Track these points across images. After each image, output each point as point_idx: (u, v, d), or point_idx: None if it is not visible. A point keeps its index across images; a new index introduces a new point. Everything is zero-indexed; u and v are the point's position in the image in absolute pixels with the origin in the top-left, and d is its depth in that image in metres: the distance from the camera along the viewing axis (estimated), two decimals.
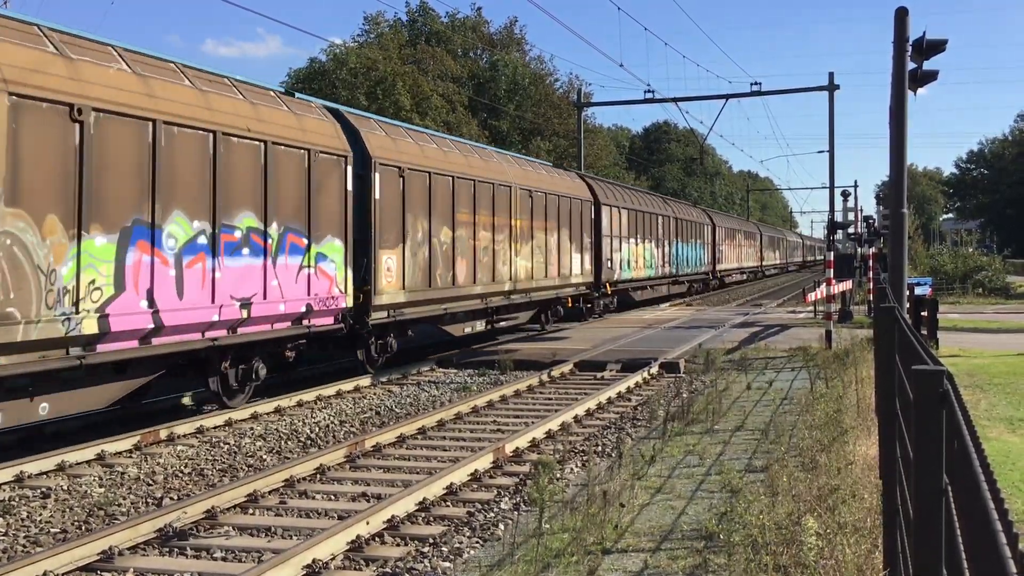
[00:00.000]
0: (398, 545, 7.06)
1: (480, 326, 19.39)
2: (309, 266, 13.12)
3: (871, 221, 35.07)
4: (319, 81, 46.25)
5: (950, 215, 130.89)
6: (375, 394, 14.62)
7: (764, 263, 67.62)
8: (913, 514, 3.12)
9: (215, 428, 11.67)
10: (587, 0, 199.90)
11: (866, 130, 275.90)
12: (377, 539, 7.14)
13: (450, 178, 17.26)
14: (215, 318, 11.32)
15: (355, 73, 46.28)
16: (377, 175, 14.93)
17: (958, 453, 2.41)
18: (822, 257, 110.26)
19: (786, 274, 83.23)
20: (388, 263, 15.21)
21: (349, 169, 14.12)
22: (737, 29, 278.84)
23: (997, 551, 1.62)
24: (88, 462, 9.77)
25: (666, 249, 35.40)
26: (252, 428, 11.75)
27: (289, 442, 11.12)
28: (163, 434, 10.92)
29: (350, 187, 14.11)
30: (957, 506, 2.48)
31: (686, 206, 44.11)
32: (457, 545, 6.97)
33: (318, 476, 9.15)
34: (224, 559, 6.80)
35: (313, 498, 8.46)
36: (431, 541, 7.06)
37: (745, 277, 59.68)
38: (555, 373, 16.16)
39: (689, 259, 39.85)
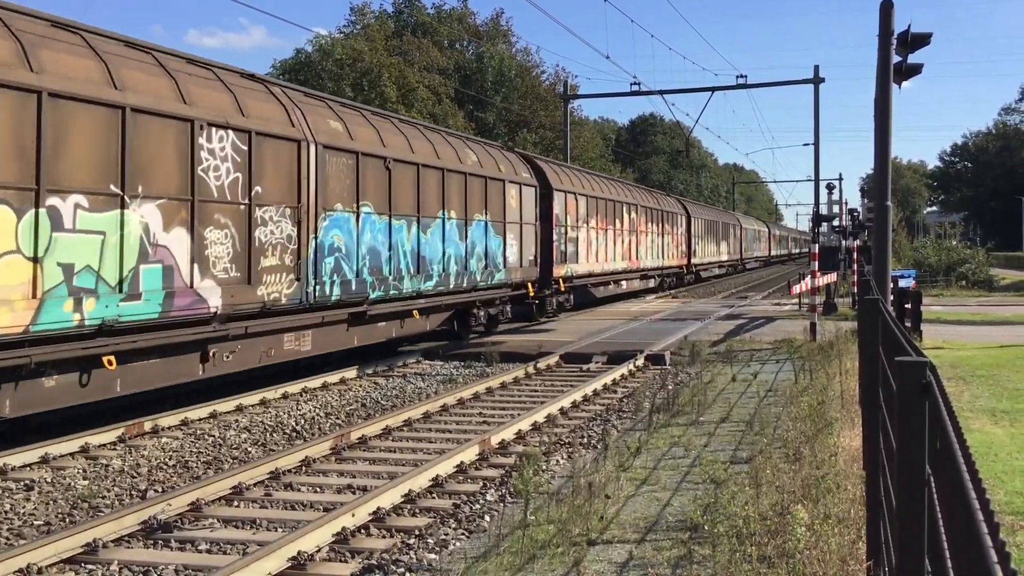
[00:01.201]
0: (384, 537, 7.06)
1: None
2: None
3: (855, 214, 35.24)
4: (305, 72, 46.04)
5: (934, 208, 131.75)
6: (361, 386, 14.60)
7: (696, 260, 45.51)
8: (896, 505, 3.14)
9: (200, 420, 11.63)
10: None
11: (851, 123, 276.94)
12: (363, 531, 7.13)
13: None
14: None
15: (341, 64, 46.09)
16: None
17: (940, 444, 2.42)
18: (798, 251, 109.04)
19: (740, 275, 61.81)
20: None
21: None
22: (723, 21, 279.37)
23: (979, 541, 1.63)
24: (72, 454, 9.71)
25: (288, 235, 13.25)
26: (237, 420, 11.71)
27: (274, 434, 11.09)
28: (147, 426, 10.87)
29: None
30: (940, 497, 2.49)
31: (446, 138, 19.37)
32: (443, 537, 6.97)
33: (303, 468, 9.13)
34: (209, 551, 6.78)
35: (298, 490, 8.45)
36: (417, 533, 7.06)
37: (652, 284, 37.59)
38: (541, 365, 16.18)
39: (438, 259, 17.45)
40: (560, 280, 24.11)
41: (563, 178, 25.53)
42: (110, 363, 9.96)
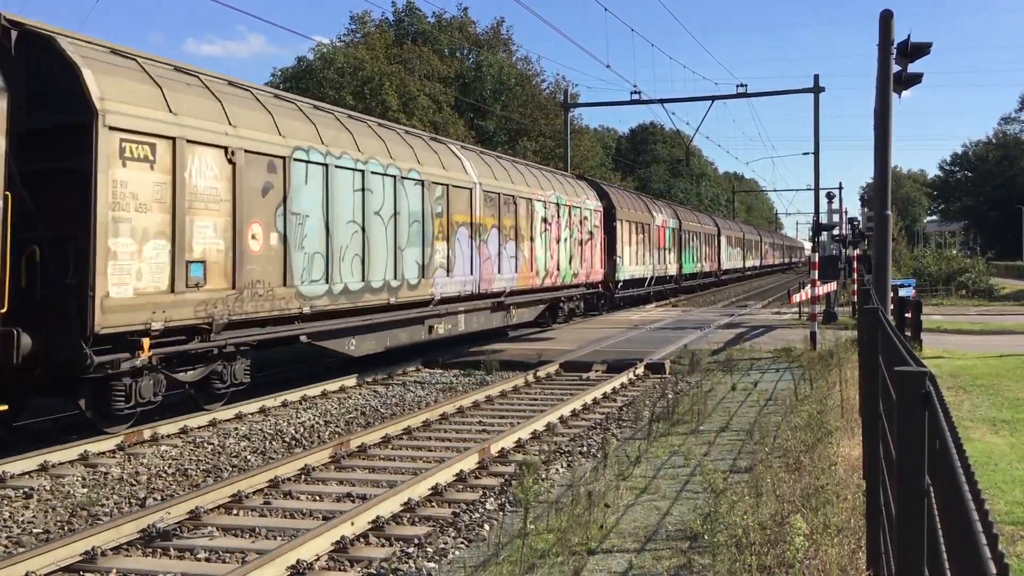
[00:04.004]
0: (383, 546, 7.05)
1: None
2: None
3: (855, 223, 35.30)
4: (306, 80, 46.09)
5: (934, 217, 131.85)
6: (360, 394, 14.59)
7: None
8: (896, 514, 3.13)
9: (199, 428, 11.62)
10: (574, 1, 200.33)
11: (851, 132, 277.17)
12: (362, 540, 7.12)
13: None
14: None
15: (342, 72, 46.14)
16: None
17: (940, 454, 2.42)
18: (798, 260, 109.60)
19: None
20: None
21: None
22: (723, 31, 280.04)
23: (977, 551, 1.63)
24: (71, 462, 9.70)
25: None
26: (236, 428, 11.70)
27: (274, 442, 11.08)
28: (147, 434, 10.86)
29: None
30: (939, 506, 2.49)
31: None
32: (442, 546, 6.96)
33: (303, 476, 9.12)
34: (208, 560, 6.77)
35: (298, 498, 8.44)
36: (416, 542, 7.05)
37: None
38: (541, 374, 16.17)
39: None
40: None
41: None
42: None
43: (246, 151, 12.06)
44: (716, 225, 53.20)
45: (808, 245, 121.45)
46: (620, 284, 31.48)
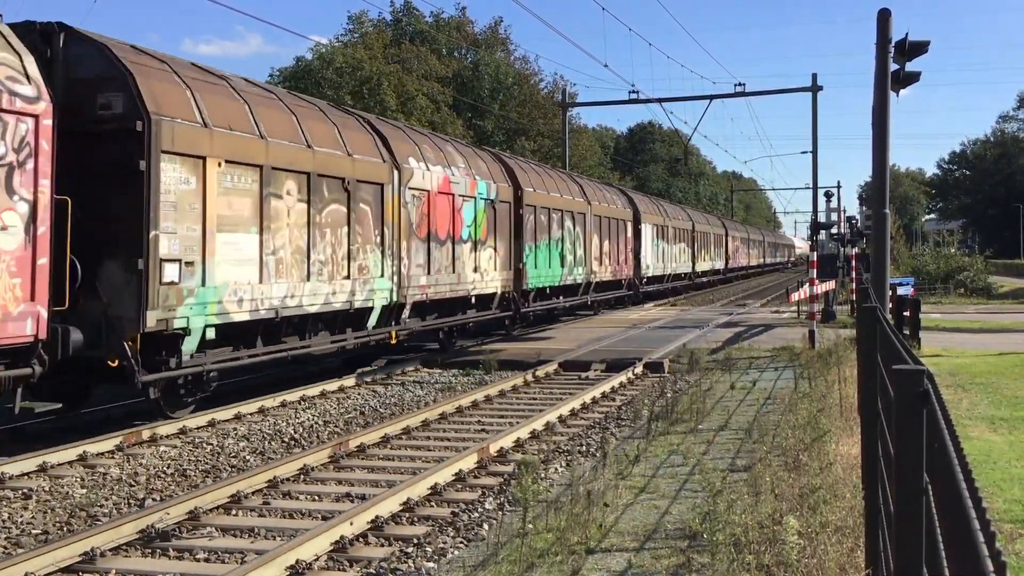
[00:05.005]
0: (382, 545, 7.05)
1: None
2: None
3: (854, 221, 35.35)
4: (305, 80, 46.08)
5: (932, 215, 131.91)
6: (359, 394, 14.58)
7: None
8: (894, 513, 3.14)
9: (198, 429, 11.62)
10: (572, 0, 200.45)
11: (849, 130, 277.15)
12: (361, 539, 7.12)
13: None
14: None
15: (341, 72, 46.14)
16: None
17: (938, 452, 2.42)
18: (794, 259, 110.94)
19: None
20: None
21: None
22: (721, 30, 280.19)
23: (975, 550, 1.63)
24: (70, 463, 9.70)
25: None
26: (235, 429, 11.70)
27: (272, 443, 11.07)
28: (146, 435, 10.86)
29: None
30: (937, 505, 2.49)
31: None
32: (441, 545, 6.96)
33: (302, 476, 9.12)
34: (207, 560, 6.77)
35: (297, 499, 8.44)
36: (415, 541, 7.05)
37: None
38: (540, 373, 16.17)
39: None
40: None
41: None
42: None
43: None
44: (632, 207, 33.85)
45: (800, 243, 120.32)
46: (185, 343, 11.28)
